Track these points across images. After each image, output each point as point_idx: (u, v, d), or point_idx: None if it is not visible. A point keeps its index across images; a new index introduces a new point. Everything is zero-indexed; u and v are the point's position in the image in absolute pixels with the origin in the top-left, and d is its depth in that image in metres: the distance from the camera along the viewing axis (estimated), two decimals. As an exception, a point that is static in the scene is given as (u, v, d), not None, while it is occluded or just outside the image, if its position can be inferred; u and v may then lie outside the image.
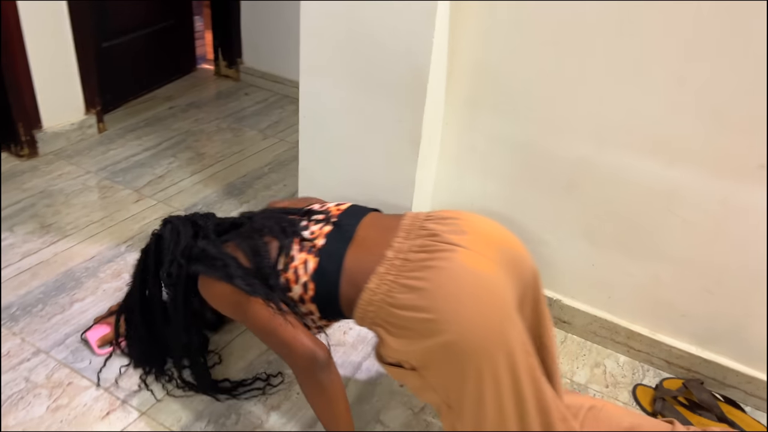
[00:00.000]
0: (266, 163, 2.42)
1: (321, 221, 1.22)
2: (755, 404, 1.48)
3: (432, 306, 1.00)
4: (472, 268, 1.04)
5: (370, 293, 1.06)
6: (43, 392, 1.36)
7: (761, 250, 1.35)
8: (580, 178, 1.49)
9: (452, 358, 1.00)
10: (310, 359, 1.10)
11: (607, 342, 1.63)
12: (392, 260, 1.08)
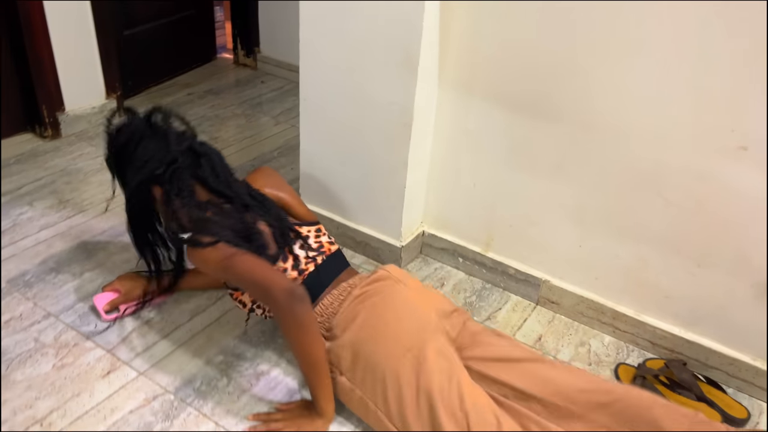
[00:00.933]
0: (276, 147, 2.49)
1: (314, 250, 1.39)
2: (737, 386, 1.50)
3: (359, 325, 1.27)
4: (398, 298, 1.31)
5: (323, 308, 1.34)
6: (50, 351, 1.46)
7: (742, 232, 1.36)
8: (568, 161, 1.52)
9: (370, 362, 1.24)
10: (289, 291, 1.19)
11: (593, 322, 1.65)
12: (345, 288, 1.36)
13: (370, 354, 1.24)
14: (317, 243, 1.42)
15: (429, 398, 1.17)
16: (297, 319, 1.20)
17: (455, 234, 1.83)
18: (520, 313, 1.70)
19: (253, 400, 1.38)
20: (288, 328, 1.22)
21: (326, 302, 1.34)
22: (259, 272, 1.24)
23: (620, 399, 1.20)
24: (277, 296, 1.19)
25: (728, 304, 1.45)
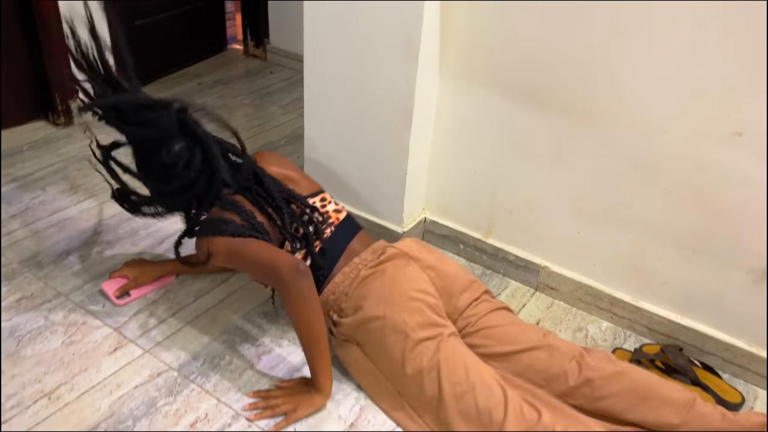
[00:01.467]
0: (283, 136, 2.53)
1: (321, 223, 1.43)
2: (733, 371, 1.51)
3: (377, 301, 1.31)
4: (410, 273, 1.36)
5: (333, 286, 1.37)
6: (59, 329, 1.51)
7: (738, 218, 1.37)
8: (567, 149, 1.54)
9: (381, 333, 1.29)
10: (292, 266, 1.23)
11: (591, 308, 1.67)
12: (356, 264, 1.37)
13: (380, 333, 1.29)
14: (323, 214, 1.45)
15: (437, 373, 1.23)
16: (300, 293, 1.23)
17: (456, 221, 1.86)
18: (519, 299, 1.73)
19: (254, 377, 1.42)
20: (291, 302, 1.25)
21: (338, 280, 1.37)
22: (263, 254, 1.28)
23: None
24: (282, 272, 1.23)
25: (724, 290, 1.46)
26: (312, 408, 1.31)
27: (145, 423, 1.29)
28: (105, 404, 1.33)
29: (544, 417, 1.19)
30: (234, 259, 1.33)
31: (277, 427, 1.29)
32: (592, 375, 1.29)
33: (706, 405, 1.25)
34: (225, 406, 1.35)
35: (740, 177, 1.33)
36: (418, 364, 1.26)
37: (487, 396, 1.21)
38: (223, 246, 1.31)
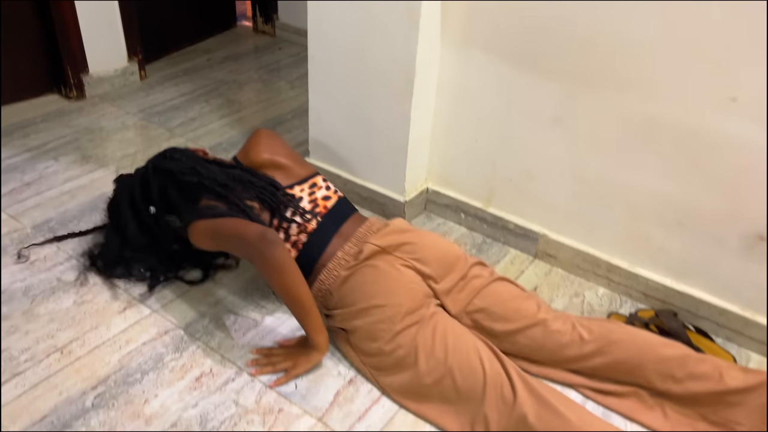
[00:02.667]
0: (290, 110, 2.56)
1: (307, 213, 1.43)
2: (727, 336, 1.53)
3: (358, 299, 1.33)
4: (387, 271, 1.35)
5: (320, 283, 1.39)
6: (71, 289, 1.57)
7: (732, 183, 1.39)
8: (564, 115, 1.56)
9: (363, 329, 1.33)
10: (260, 235, 1.26)
11: (589, 275, 1.70)
12: (339, 259, 1.38)
13: (361, 329, 1.33)
14: (311, 203, 1.46)
15: (414, 358, 1.27)
16: (271, 261, 1.25)
17: (458, 190, 1.89)
18: (519, 266, 1.76)
19: (258, 336, 1.47)
20: (263, 270, 1.28)
21: (322, 277, 1.39)
22: (235, 227, 1.31)
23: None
24: (251, 241, 1.26)
25: (718, 255, 1.48)
26: (310, 364, 1.36)
27: (153, 376, 1.35)
28: (114, 359, 1.39)
29: (519, 398, 1.18)
30: (214, 238, 1.36)
31: (277, 382, 1.34)
32: (587, 348, 1.32)
33: (701, 363, 1.28)
34: (229, 362, 1.40)
35: (734, 142, 1.35)
36: (397, 353, 1.28)
37: (464, 377, 1.23)
38: (204, 227, 1.36)
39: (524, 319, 1.36)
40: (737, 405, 1.25)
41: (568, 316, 1.39)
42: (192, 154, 1.53)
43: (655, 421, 1.31)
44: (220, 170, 1.46)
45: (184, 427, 1.25)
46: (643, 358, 1.30)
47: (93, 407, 1.28)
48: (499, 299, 1.39)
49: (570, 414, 1.16)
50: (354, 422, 1.28)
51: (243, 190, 1.42)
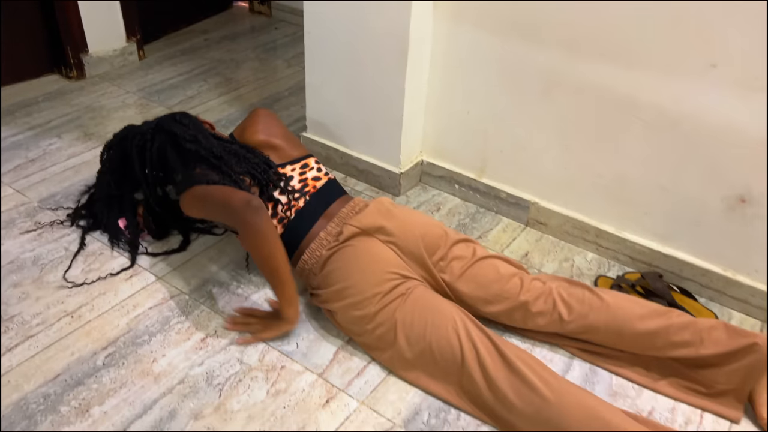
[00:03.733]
0: (287, 87, 2.61)
1: (297, 192, 1.47)
2: (710, 296, 1.60)
3: (337, 279, 1.36)
4: (365, 250, 1.38)
5: (303, 263, 1.44)
6: (79, 259, 1.62)
7: (712, 148, 1.45)
8: (553, 85, 1.61)
9: (345, 308, 1.36)
10: (245, 201, 1.31)
11: (578, 241, 1.76)
12: (321, 239, 1.42)
13: (344, 308, 1.36)
14: (301, 182, 1.50)
15: (394, 335, 1.30)
16: (252, 226, 1.30)
17: (451, 162, 1.94)
18: (510, 234, 1.82)
19: (260, 300, 1.53)
20: (244, 236, 1.33)
21: (306, 257, 1.42)
22: (223, 193, 1.36)
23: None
24: (235, 207, 1.30)
25: (701, 218, 1.54)
26: (278, 332, 1.41)
27: (160, 338, 1.41)
28: (123, 322, 1.45)
29: (496, 372, 1.21)
30: (203, 205, 1.41)
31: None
32: (567, 328, 1.37)
33: (682, 331, 1.31)
34: (232, 324, 1.46)
35: (714, 107, 1.40)
36: (378, 331, 1.32)
37: (442, 351, 1.26)
38: (195, 193, 1.41)
39: (506, 302, 1.39)
40: (718, 366, 1.30)
41: (550, 290, 1.38)
42: (199, 124, 1.58)
43: (638, 376, 1.37)
44: (218, 143, 1.51)
45: (192, 384, 1.31)
46: (623, 336, 1.34)
47: (104, 366, 1.34)
48: (480, 283, 1.41)
49: (545, 389, 1.16)
50: (353, 378, 1.35)
51: (236, 163, 1.47)
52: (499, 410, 1.21)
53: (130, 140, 1.60)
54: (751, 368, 1.27)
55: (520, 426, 1.19)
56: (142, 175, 1.59)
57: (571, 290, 1.39)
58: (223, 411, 1.26)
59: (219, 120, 2.33)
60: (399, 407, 1.29)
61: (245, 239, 1.34)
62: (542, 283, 1.40)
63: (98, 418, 1.23)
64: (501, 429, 1.23)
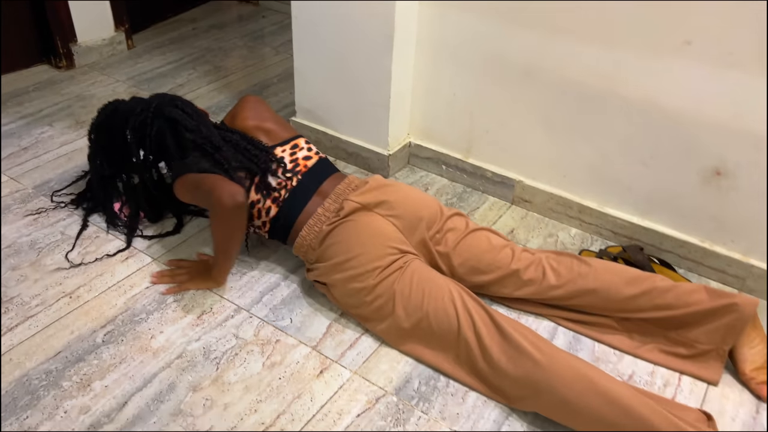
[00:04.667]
0: (276, 74, 2.64)
1: (289, 172, 1.49)
2: (688, 267, 1.66)
3: (338, 253, 1.39)
4: (366, 224, 1.41)
5: (301, 239, 1.46)
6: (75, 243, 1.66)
7: (689, 122, 1.50)
8: (535, 66, 1.66)
9: (343, 282, 1.39)
10: (231, 196, 1.34)
11: (562, 217, 1.81)
12: (319, 216, 1.45)
13: (342, 282, 1.39)
14: (292, 162, 1.51)
15: (392, 306, 1.34)
16: (225, 215, 1.36)
17: (439, 143, 1.98)
18: (497, 212, 1.87)
19: (253, 279, 1.57)
20: (218, 223, 1.39)
21: (304, 233, 1.45)
22: (212, 183, 1.38)
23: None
24: (221, 196, 1.34)
25: (680, 191, 1.59)
26: (202, 286, 1.52)
27: (157, 316, 1.45)
28: (120, 301, 1.49)
29: (491, 341, 1.26)
30: (195, 192, 1.44)
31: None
32: (556, 293, 1.42)
33: (666, 293, 1.37)
34: (228, 301, 1.50)
35: (689, 83, 1.45)
36: (376, 303, 1.36)
37: (439, 321, 1.31)
38: (189, 180, 1.44)
39: (498, 270, 1.44)
40: (699, 326, 1.35)
41: (540, 259, 1.44)
42: (199, 112, 1.60)
43: (621, 342, 1.43)
44: (217, 133, 1.53)
45: (190, 358, 1.36)
46: (610, 301, 1.40)
47: (104, 343, 1.38)
48: (474, 253, 1.45)
49: (537, 353, 1.21)
50: (345, 350, 1.39)
51: (233, 155, 1.48)
52: (493, 377, 1.27)
53: (123, 119, 1.60)
54: (731, 327, 1.33)
55: (512, 391, 1.25)
56: (138, 158, 1.61)
57: (560, 259, 1.45)
58: (220, 383, 1.31)
59: (209, 107, 2.35)
60: (390, 376, 1.34)
61: (215, 222, 1.40)
62: (531, 254, 1.47)
63: (99, 392, 1.27)
64: (493, 395, 1.28)
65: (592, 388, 1.16)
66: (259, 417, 1.24)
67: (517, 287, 1.45)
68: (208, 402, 1.27)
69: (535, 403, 1.23)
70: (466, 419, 1.26)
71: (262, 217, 1.48)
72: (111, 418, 1.23)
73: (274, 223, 1.48)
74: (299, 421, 1.24)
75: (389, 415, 1.26)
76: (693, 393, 1.34)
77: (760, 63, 1.35)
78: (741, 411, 1.30)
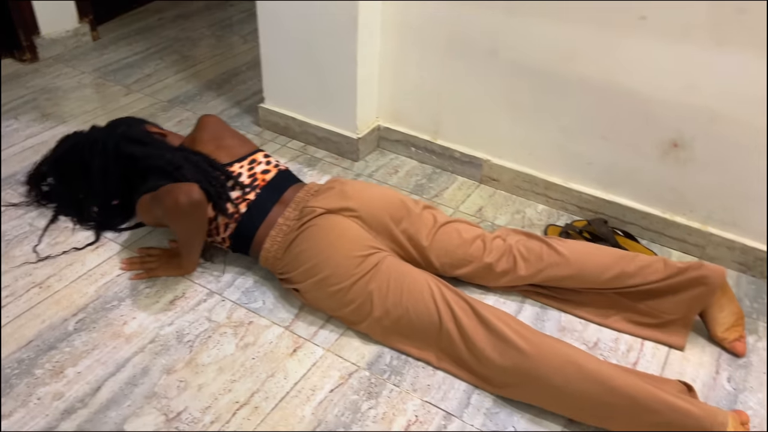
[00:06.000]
0: (245, 62, 2.63)
1: (247, 186, 1.48)
2: (651, 237, 1.71)
3: (307, 259, 1.38)
4: (331, 226, 1.39)
5: (265, 252, 1.44)
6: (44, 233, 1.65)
7: (645, 96, 1.54)
8: (498, 46, 1.68)
9: (316, 287, 1.38)
10: (187, 191, 1.31)
11: (528, 194, 1.85)
12: (281, 225, 1.43)
13: (315, 287, 1.37)
14: (250, 177, 1.50)
15: (371, 305, 1.33)
16: (189, 217, 1.34)
17: (407, 125, 2.01)
18: (465, 191, 1.90)
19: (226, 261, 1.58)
20: (178, 222, 1.37)
21: (267, 245, 1.43)
22: (166, 189, 1.34)
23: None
24: (176, 196, 1.31)
25: (639, 164, 1.64)
26: (171, 274, 1.53)
27: (129, 302, 1.46)
28: (92, 290, 1.49)
29: (474, 331, 1.27)
30: (153, 205, 1.40)
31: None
32: (527, 281, 1.46)
33: (634, 278, 1.40)
34: (200, 286, 1.52)
35: (645, 57, 1.49)
36: (352, 306, 1.35)
37: (420, 315, 1.31)
38: (144, 199, 1.43)
39: (471, 264, 1.46)
40: (667, 297, 1.39)
41: (510, 247, 1.46)
42: (156, 140, 1.57)
43: (588, 313, 1.47)
44: (180, 154, 1.51)
45: (163, 342, 1.37)
46: (580, 284, 1.43)
47: (75, 331, 1.38)
48: (446, 249, 1.46)
49: (522, 342, 1.22)
50: (318, 328, 1.42)
51: (193, 174, 1.45)
52: (479, 367, 1.28)
53: (87, 155, 1.59)
54: (699, 297, 1.37)
55: (500, 380, 1.26)
56: (104, 193, 1.63)
57: (530, 245, 1.46)
58: (194, 365, 1.32)
59: (177, 96, 2.35)
60: (363, 352, 1.37)
61: (180, 225, 1.38)
62: (503, 241, 1.48)
63: (72, 378, 1.28)
64: (481, 384, 1.29)
65: (580, 373, 1.18)
66: (234, 396, 1.26)
67: (493, 279, 1.48)
68: (182, 384, 1.28)
69: (523, 390, 1.24)
70: (437, 390, 1.29)
71: (221, 233, 1.47)
72: (85, 403, 1.23)
73: (234, 239, 1.47)
74: (273, 398, 1.26)
75: (362, 389, 1.29)
76: (655, 357, 1.38)
77: (711, 36, 1.39)
78: (701, 372, 1.36)
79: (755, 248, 1.57)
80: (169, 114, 2.24)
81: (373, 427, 1.22)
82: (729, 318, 1.40)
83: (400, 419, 1.23)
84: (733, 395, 1.31)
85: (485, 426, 1.23)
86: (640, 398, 1.14)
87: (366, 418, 1.23)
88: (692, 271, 1.36)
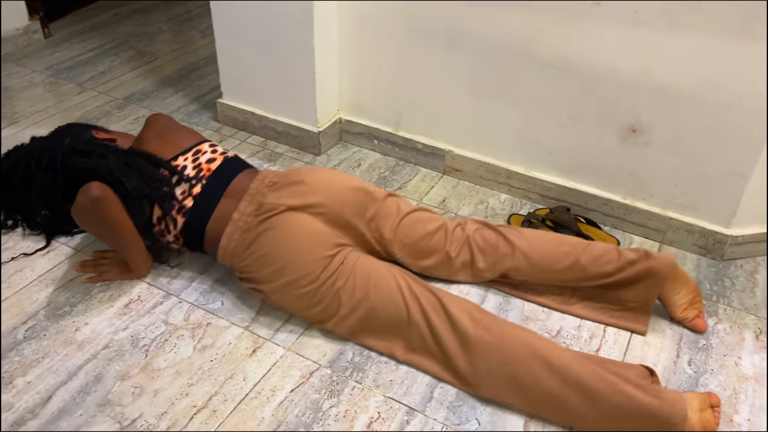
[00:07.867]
0: (204, 57, 2.58)
1: (192, 179, 1.42)
2: (613, 224, 1.71)
3: (272, 261, 1.32)
4: (296, 226, 1.34)
5: (222, 250, 1.38)
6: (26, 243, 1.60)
7: (603, 82, 1.53)
8: (456, 35, 1.66)
9: (282, 288, 1.33)
10: (99, 186, 1.30)
11: (491, 184, 1.84)
12: (236, 221, 1.36)
13: (281, 289, 1.33)
14: (195, 168, 1.43)
15: (338, 303, 1.31)
16: (94, 215, 1.32)
17: (369, 118, 1.98)
18: (429, 182, 1.88)
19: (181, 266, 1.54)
20: (86, 223, 1.36)
21: (224, 243, 1.37)
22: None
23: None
24: (78, 199, 1.29)
25: (600, 151, 1.64)
26: (124, 277, 1.50)
27: (82, 308, 1.41)
28: (42, 296, 1.44)
29: (440, 325, 1.26)
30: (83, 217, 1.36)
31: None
32: (485, 275, 1.46)
33: (594, 280, 1.41)
34: (156, 288, 1.48)
35: (600, 43, 1.49)
36: (323, 303, 1.32)
37: (387, 310, 1.29)
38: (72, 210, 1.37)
39: (433, 257, 1.45)
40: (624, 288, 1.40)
41: (468, 238, 1.45)
42: (102, 147, 1.47)
43: (551, 301, 1.47)
44: (124, 157, 1.45)
45: (117, 348, 1.33)
46: (538, 275, 1.43)
47: (25, 339, 1.34)
48: (411, 240, 1.44)
49: (490, 336, 1.23)
50: (278, 327, 1.39)
51: (135, 181, 1.40)
52: (446, 360, 1.27)
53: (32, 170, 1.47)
54: (652, 287, 1.38)
55: (466, 372, 1.25)
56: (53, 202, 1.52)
57: (486, 236, 1.45)
58: (150, 370, 1.28)
59: (133, 93, 2.28)
60: (324, 350, 1.34)
61: (90, 225, 1.38)
62: (462, 230, 1.46)
63: (22, 388, 1.23)
64: (449, 378, 1.28)
65: (544, 365, 1.18)
66: (191, 400, 1.23)
67: (453, 273, 1.47)
68: (137, 390, 1.24)
69: (488, 383, 1.23)
70: (400, 385, 1.27)
71: (172, 230, 1.41)
72: (35, 414, 1.19)
73: (185, 234, 1.41)
74: (232, 400, 1.23)
75: (323, 388, 1.26)
76: (617, 342, 1.38)
77: (664, 19, 1.39)
78: (662, 356, 1.36)
79: (714, 231, 1.58)
80: (124, 112, 2.18)
81: (334, 426, 1.19)
82: (685, 298, 1.41)
83: (363, 417, 1.21)
84: (694, 378, 1.31)
85: (448, 419, 1.21)
86: (599, 390, 1.15)
87: (327, 417, 1.21)
88: (641, 263, 1.37)
